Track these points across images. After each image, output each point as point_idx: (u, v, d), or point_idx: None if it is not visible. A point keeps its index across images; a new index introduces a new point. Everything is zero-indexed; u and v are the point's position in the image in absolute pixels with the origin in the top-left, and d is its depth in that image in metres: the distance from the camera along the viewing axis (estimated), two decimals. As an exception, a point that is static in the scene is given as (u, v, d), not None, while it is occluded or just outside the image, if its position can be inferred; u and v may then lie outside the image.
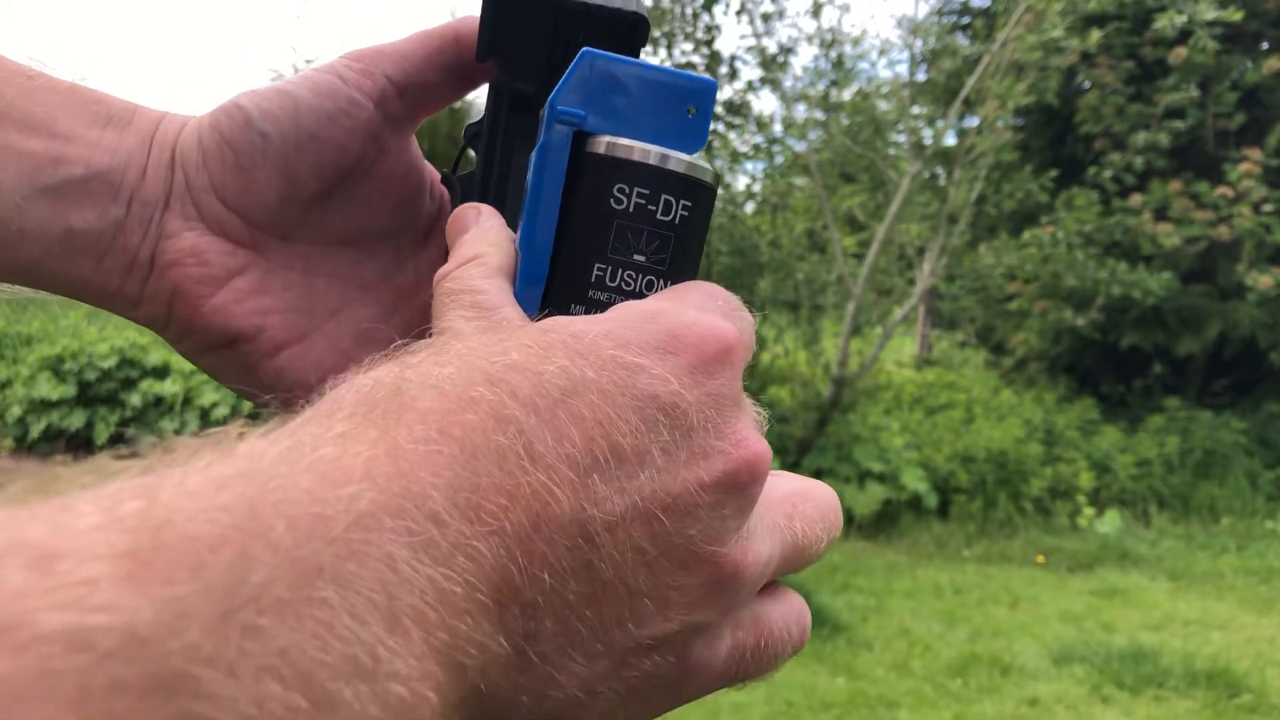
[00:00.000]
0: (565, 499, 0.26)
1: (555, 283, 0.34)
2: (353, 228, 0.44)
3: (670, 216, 0.33)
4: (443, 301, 0.34)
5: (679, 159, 0.33)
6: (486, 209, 0.39)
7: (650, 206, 0.32)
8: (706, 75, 0.33)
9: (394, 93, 0.42)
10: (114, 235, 0.40)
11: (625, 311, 0.30)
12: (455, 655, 0.23)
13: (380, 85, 0.41)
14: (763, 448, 0.30)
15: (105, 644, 0.16)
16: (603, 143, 0.33)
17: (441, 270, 0.35)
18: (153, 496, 0.20)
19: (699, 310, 0.30)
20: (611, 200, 0.32)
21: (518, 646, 0.26)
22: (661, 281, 0.33)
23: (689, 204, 0.33)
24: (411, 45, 0.42)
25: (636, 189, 0.32)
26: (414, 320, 0.44)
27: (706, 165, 0.34)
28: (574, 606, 0.26)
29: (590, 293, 0.33)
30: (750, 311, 0.33)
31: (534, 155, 0.34)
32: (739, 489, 0.29)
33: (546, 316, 0.30)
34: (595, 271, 0.33)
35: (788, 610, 0.33)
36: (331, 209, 0.43)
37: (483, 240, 0.36)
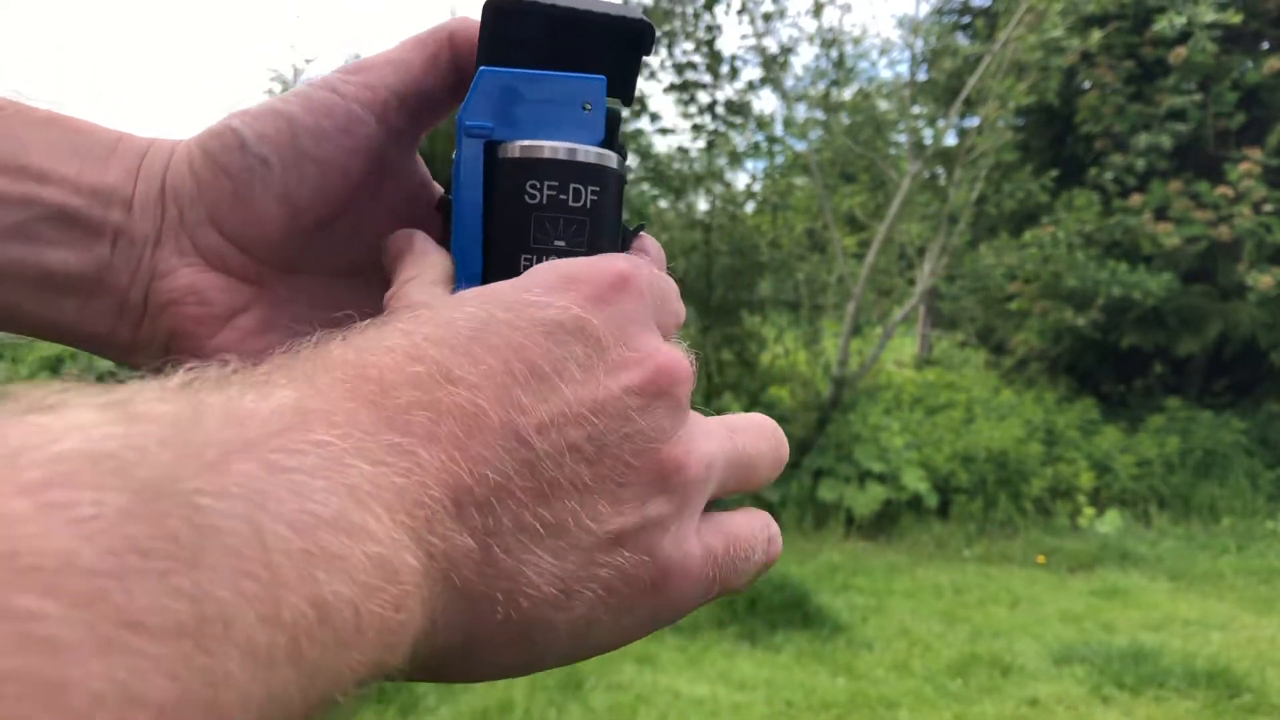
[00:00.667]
0: (492, 410, 0.28)
1: (489, 279, 0.36)
2: (360, 255, 0.41)
3: (581, 202, 0.36)
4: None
5: (583, 150, 0.36)
6: (419, 234, 0.39)
7: (562, 196, 0.35)
8: (597, 75, 0.34)
9: (395, 104, 0.39)
10: (99, 276, 0.37)
11: (529, 270, 0.33)
12: (422, 538, 0.25)
13: (381, 97, 0.38)
14: (679, 355, 0.32)
15: (114, 457, 0.19)
16: (511, 147, 0.36)
17: (387, 294, 0.37)
18: (110, 391, 0.22)
19: (585, 263, 0.33)
20: (525, 196, 0.35)
21: (482, 542, 0.27)
22: None
23: (597, 189, 0.36)
24: (407, 52, 0.39)
25: (546, 182, 0.35)
26: None
27: (610, 152, 0.37)
28: (526, 504, 0.28)
29: None
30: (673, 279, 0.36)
31: (453, 170, 0.37)
32: (664, 392, 0.31)
33: None
34: (523, 262, 0.36)
35: (753, 520, 0.36)
36: (337, 236, 0.40)
37: (417, 262, 0.37)
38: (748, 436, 0.35)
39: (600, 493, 0.30)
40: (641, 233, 0.39)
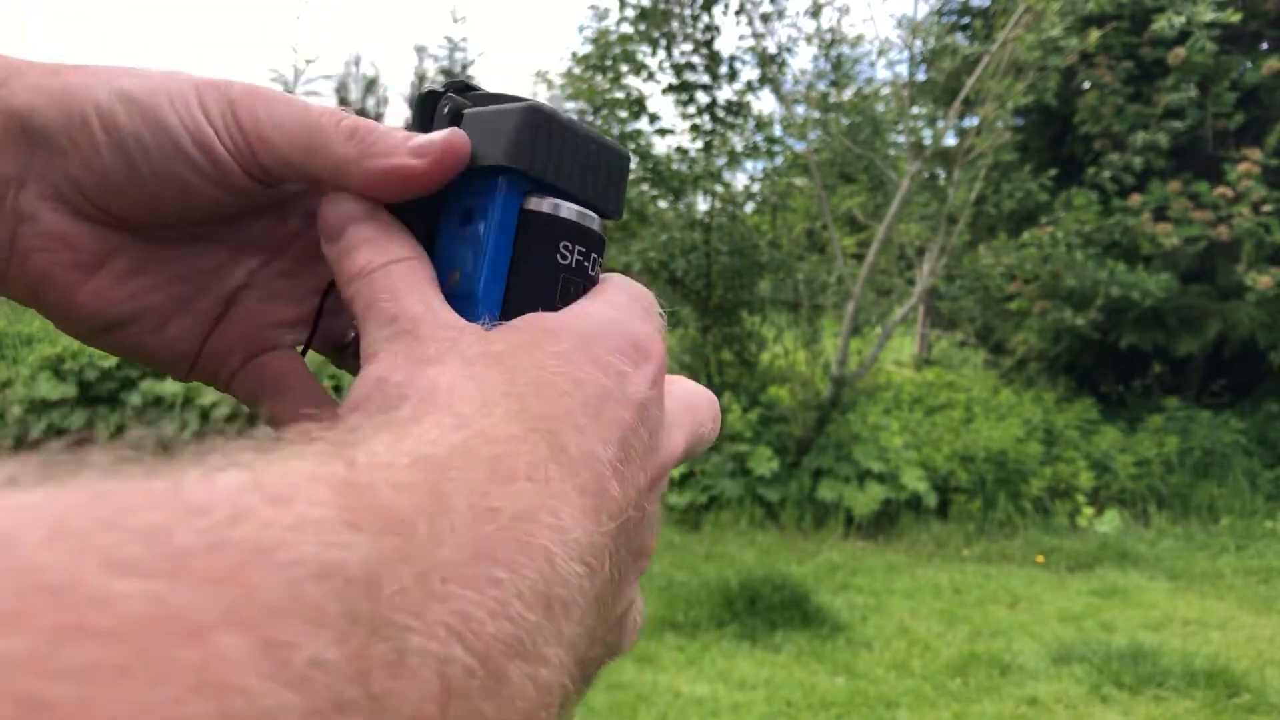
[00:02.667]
0: (618, 492, 0.29)
1: None
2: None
3: (594, 271, 0.36)
4: (371, 308, 0.33)
5: (594, 219, 0.36)
6: (379, 211, 0.36)
7: (585, 262, 0.36)
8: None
9: (266, 184, 0.36)
10: None
11: (590, 318, 0.33)
12: (577, 646, 0.26)
13: (255, 173, 0.35)
14: (675, 456, 0.34)
15: (344, 576, 0.18)
16: (548, 203, 0.36)
17: (356, 267, 0.34)
18: (351, 462, 0.22)
19: (639, 320, 0.34)
20: (559, 256, 0.35)
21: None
22: None
23: (600, 259, 0.37)
24: (295, 145, 0.35)
25: (577, 246, 0.36)
26: (302, 257, 0.41)
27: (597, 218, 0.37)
28: (603, 591, 0.29)
29: None
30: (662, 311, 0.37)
31: (487, 214, 0.36)
32: (659, 486, 0.33)
33: None
34: None
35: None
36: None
37: (389, 247, 0.35)
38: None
39: (621, 585, 0.31)
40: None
